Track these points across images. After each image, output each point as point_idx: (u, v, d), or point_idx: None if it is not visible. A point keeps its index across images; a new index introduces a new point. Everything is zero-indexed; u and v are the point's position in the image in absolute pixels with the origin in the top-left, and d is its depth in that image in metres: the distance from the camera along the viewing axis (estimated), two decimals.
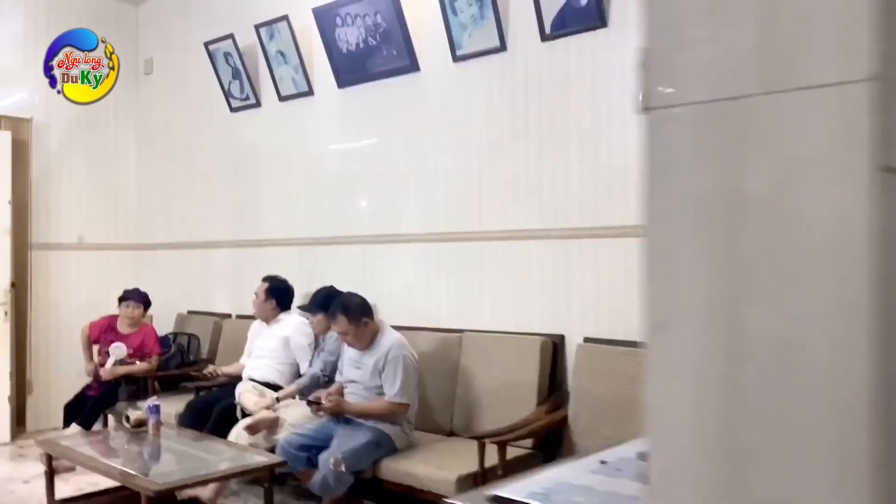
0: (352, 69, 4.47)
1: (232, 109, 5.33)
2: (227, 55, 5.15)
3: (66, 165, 5.84)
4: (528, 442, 3.24)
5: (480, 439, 3.05)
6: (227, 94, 5.30)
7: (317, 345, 4.21)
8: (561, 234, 3.56)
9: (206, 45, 5.20)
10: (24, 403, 5.51)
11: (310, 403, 3.44)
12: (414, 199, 4.25)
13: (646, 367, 0.84)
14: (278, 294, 4.36)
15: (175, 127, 5.91)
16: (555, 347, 3.50)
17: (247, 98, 5.20)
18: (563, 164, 3.55)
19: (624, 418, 3.10)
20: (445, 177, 4.08)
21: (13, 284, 5.28)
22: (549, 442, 3.41)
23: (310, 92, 4.80)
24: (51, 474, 3.43)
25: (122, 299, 5.03)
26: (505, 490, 1.01)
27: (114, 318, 5.04)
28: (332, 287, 4.03)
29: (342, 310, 3.48)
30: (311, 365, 4.13)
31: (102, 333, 4.97)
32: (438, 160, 4.11)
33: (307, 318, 4.25)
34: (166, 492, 2.73)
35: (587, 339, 3.40)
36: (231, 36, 5.04)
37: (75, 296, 5.78)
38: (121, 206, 6.17)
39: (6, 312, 5.21)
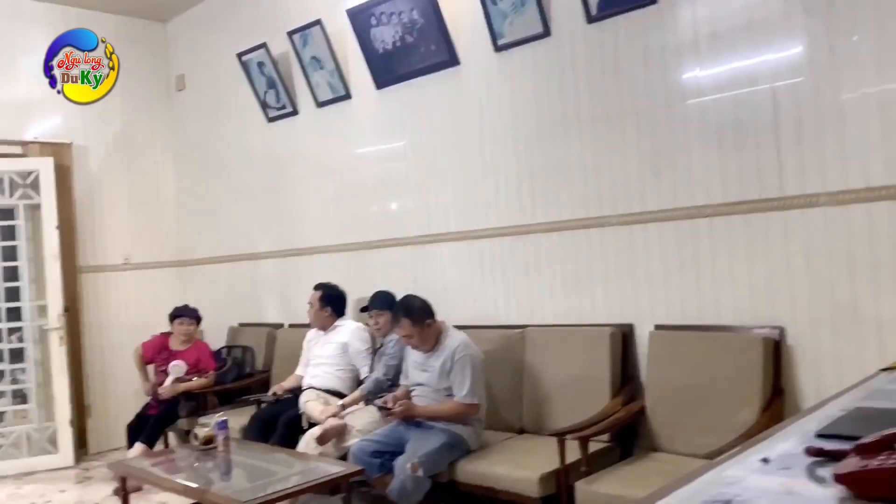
0: (389, 69, 4.41)
1: (269, 119, 5.30)
2: (260, 65, 5.12)
3: (108, 187, 5.87)
4: (605, 435, 3.15)
5: (560, 435, 2.97)
6: (264, 104, 5.27)
7: (375, 349, 4.16)
8: (621, 221, 3.46)
9: (239, 55, 5.18)
10: (85, 426, 5.55)
11: (380, 409, 3.38)
12: (461, 196, 4.18)
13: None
14: (333, 301, 4.32)
15: (212, 141, 5.90)
16: (624, 337, 3.41)
17: (283, 107, 5.17)
18: (620, 148, 3.45)
19: (705, 406, 3.01)
20: (493, 171, 4.00)
21: (66, 309, 5.31)
22: (626, 434, 3.33)
23: (347, 95, 4.75)
24: (125, 496, 3.41)
25: (174, 316, 5.04)
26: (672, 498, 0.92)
27: (166, 336, 5.05)
28: (388, 292, 3.99)
29: (405, 312, 3.42)
30: (371, 370, 4.09)
31: (156, 353, 4.98)
32: (485, 154, 4.03)
33: (365, 323, 4.22)
34: None
35: (658, 327, 3.30)
36: (264, 45, 5.01)
37: (125, 316, 5.81)
38: (163, 224, 6.19)
39: (61, 337, 5.24)
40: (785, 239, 3.00)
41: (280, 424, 3.92)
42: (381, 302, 4.01)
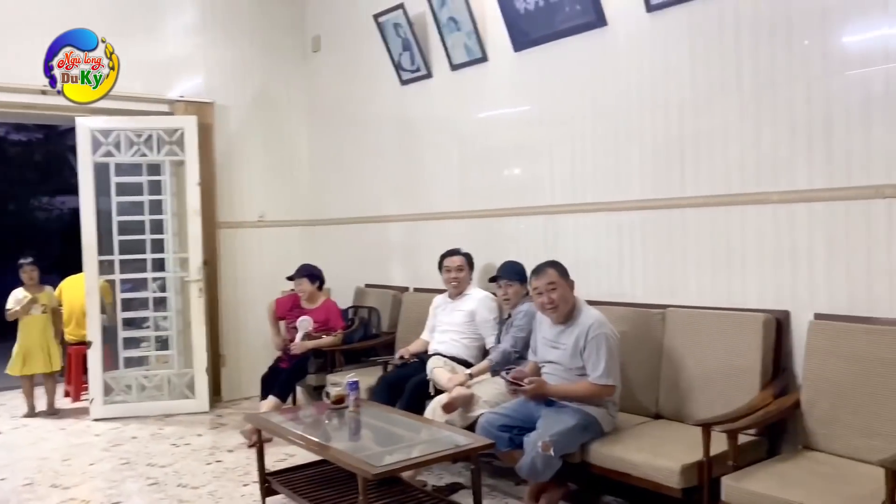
0: (530, 30, 4.24)
1: (402, 82, 5.26)
2: (396, 26, 5.06)
3: (245, 146, 6.05)
4: (752, 429, 2.93)
5: (708, 426, 2.78)
6: (398, 67, 5.23)
7: (502, 320, 4.08)
8: (782, 198, 3.17)
9: (376, 17, 5.14)
10: (219, 375, 5.84)
11: (509, 382, 3.29)
12: (602, 165, 3.97)
13: None
14: (471, 265, 4.30)
15: (344, 103, 5.94)
16: (778, 324, 3.15)
17: (417, 69, 5.10)
18: (787, 118, 3.14)
19: (871, 406, 2.73)
20: (639, 140, 3.76)
21: (205, 262, 5.55)
22: (774, 430, 3.09)
23: (483, 58, 4.62)
24: (261, 448, 3.52)
25: (290, 278, 5.16)
26: None
27: (297, 295, 5.18)
28: (518, 262, 3.88)
29: (551, 264, 3.32)
30: (497, 340, 4.02)
31: (288, 310, 5.13)
32: (630, 122, 3.80)
33: (493, 292, 4.14)
34: (384, 475, 2.69)
35: (819, 316, 3.02)
36: (401, 6, 4.94)
37: (258, 272, 6.02)
38: (296, 183, 6.35)
39: (200, 289, 5.49)
40: None
41: (407, 389, 3.93)
42: (511, 272, 3.92)
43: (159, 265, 5.63)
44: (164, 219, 5.62)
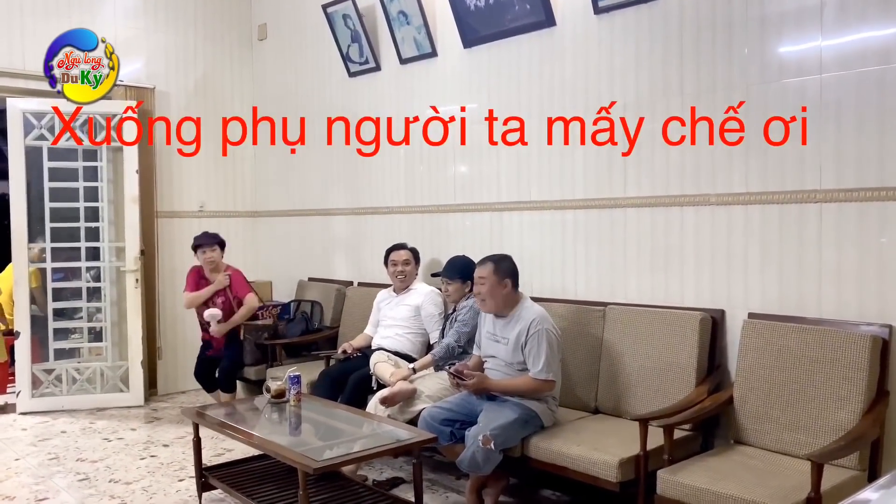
0: (479, 27, 4.26)
1: (350, 74, 5.22)
2: (345, 17, 5.01)
3: (187, 134, 5.88)
4: (687, 424, 3.02)
5: (644, 421, 2.85)
6: (346, 58, 5.18)
7: (447, 315, 4.09)
8: (721, 200, 3.27)
9: (325, 7, 5.08)
10: (156, 368, 5.69)
11: (452, 376, 3.31)
12: (546, 164, 4.02)
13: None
14: (418, 261, 4.30)
15: (291, 93, 5.86)
16: (714, 323, 3.25)
17: (366, 62, 5.07)
18: (726, 123, 3.24)
19: (800, 402, 2.84)
20: (583, 140, 3.82)
21: (142, 252, 5.40)
22: (708, 424, 3.19)
23: (433, 53, 4.62)
24: (198, 443, 3.44)
25: (195, 248, 4.92)
26: None
27: (199, 267, 4.97)
28: (469, 258, 3.90)
29: (494, 259, 3.35)
30: (441, 335, 4.03)
31: (196, 285, 4.92)
32: (575, 122, 3.86)
33: (438, 287, 4.15)
34: (325, 469, 2.67)
35: (753, 315, 3.12)
36: None
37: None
38: (238, 174, 6.22)
39: (137, 279, 5.34)
40: None
41: (350, 383, 3.90)
42: (451, 269, 3.90)
43: (94, 254, 5.45)
44: (101, 206, 5.44)
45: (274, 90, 6.05)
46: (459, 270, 3.84)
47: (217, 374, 4.76)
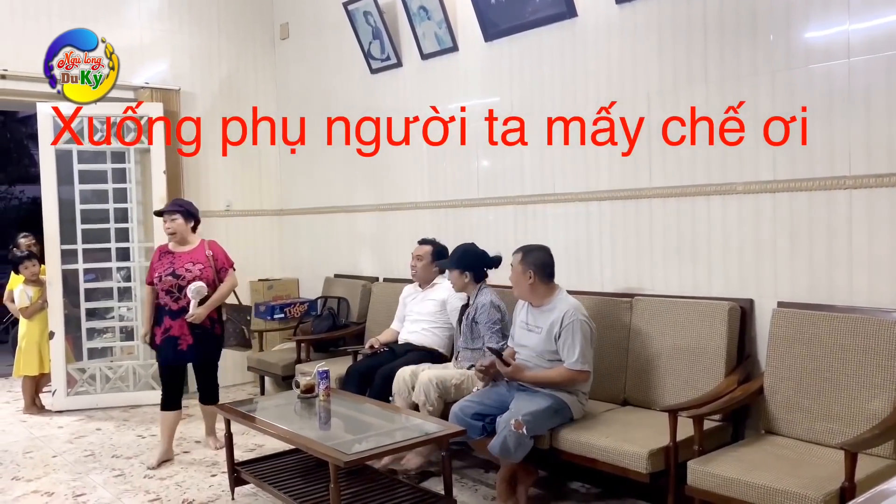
0: (500, 20, 4.25)
1: (372, 71, 5.24)
2: (366, 14, 5.03)
3: (212, 134, 5.95)
4: (717, 414, 3.00)
5: (674, 412, 2.84)
6: (367, 55, 5.20)
7: (464, 306, 4.08)
8: (748, 189, 3.24)
9: (345, 4, 5.10)
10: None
11: (486, 370, 3.34)
12: (570, 156, 4.01)
13: None
14: (440, 257, 4.27)
15: (313, 91, 5.89)
16: (743, 313, 3.22)
17: (387, 58, 5.08)
18: (751, 110, 3.20)
19: (830, 390, 2.81)
20: (607, 131, 3.80)
21: None
22: (738, 415, 3.17)
23: (454, 48, 4.62)
24: (230, 438, 3.49)
25: (159, 213, 4.33)
26: None
27: (163, 246, 4.30)
28: (471, 246, 3.89)
29: (525, 249, 3.39)
30: (459, 324, 4.01)
31: (156, 262, 4.17)
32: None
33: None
34: (356, 462, 2.70)
35: (782, 304, 3.09)
36: None
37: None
38: (264, 173, 6.27)
39: None
40: None
41: (377, 378, 3.92)
42: (450, 260, 3.91)
43: (124, 254, 5.53)
44: (129, 207, 5.53)
45: (297, 88, 6.09)
46: (456, 260, 3.84)
47: (199, 389, 4.25)
